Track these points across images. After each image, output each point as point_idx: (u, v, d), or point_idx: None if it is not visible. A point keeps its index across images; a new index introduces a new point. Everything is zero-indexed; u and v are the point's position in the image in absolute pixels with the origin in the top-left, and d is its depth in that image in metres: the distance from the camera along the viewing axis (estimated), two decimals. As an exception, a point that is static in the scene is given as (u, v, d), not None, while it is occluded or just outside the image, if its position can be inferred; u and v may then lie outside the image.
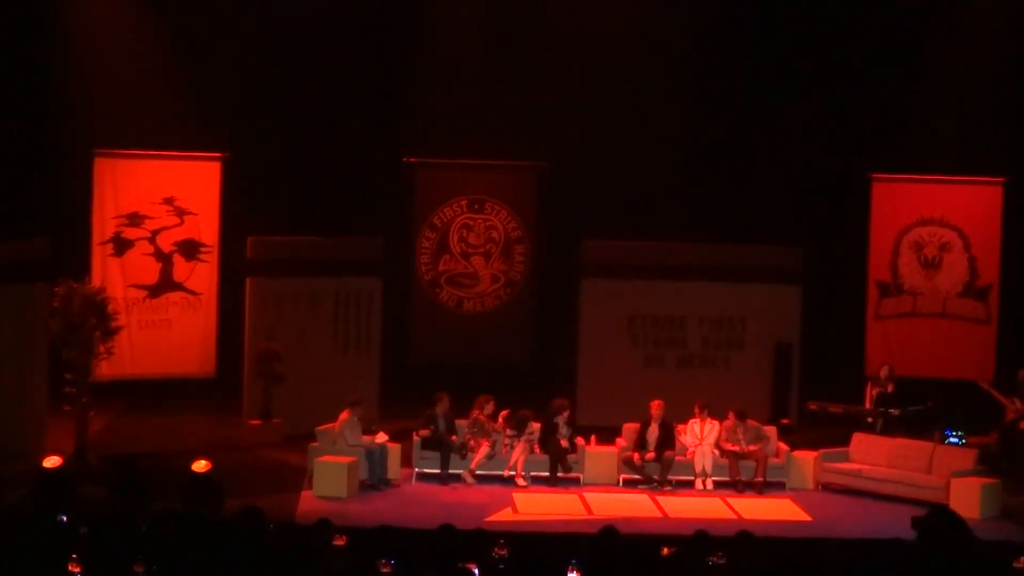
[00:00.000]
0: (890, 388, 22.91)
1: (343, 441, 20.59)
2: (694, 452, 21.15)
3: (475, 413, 21.31)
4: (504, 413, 21.39)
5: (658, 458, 21.03)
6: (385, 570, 10.76)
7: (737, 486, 20.91)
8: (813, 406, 23.35)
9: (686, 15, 26.13)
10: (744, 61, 26.22)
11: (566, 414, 21.37)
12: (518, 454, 21.00)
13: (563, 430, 21.18)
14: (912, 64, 25.86)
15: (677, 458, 21.13)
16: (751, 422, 21.50)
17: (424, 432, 21.02)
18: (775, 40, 26.14)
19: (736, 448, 21.10)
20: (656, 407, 21.34)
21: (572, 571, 10.88)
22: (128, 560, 10.75)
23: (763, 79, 26.19)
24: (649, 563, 11.46)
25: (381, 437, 20.95)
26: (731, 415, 21.38)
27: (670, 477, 21.03)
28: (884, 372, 23.05)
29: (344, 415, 20.85)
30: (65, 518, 12.72)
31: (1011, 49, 25.71)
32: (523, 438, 21.09)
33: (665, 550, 11.96)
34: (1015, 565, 12.04)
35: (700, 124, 26.33)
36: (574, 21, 26.14)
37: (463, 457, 21.00)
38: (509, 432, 21.20)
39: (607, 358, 24.34)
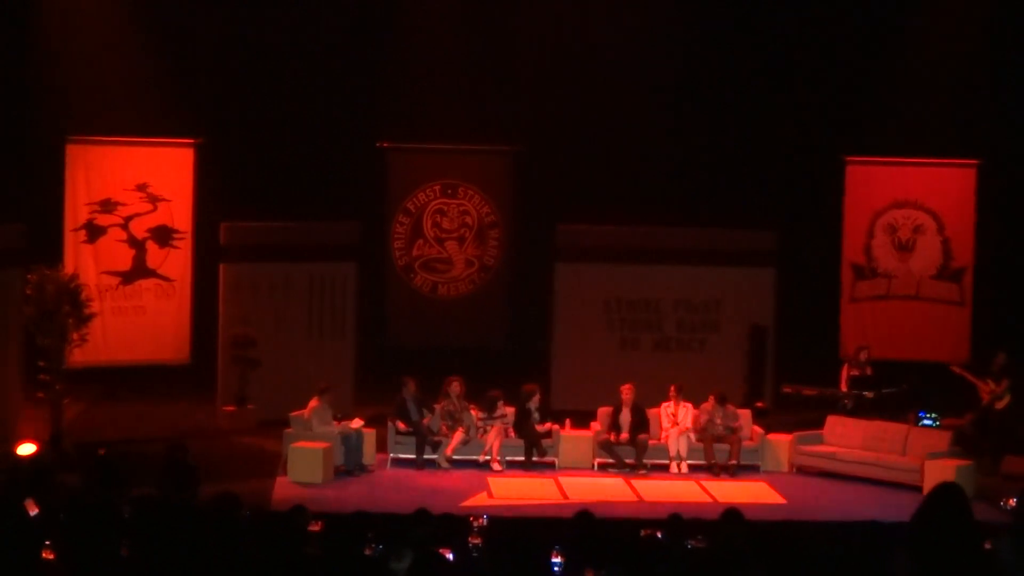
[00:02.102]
0: (868, 371, 22.95)
1: (313, 428, 20.61)
2: (668, 436, 21.17)
3: (443, 402, 21.28)
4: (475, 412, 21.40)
5: (632, 442, 21.05)
6: (367, 552, 10.77)
7: (712, 469, 20.92)
8: (787, 389, 23.38)
9: (660, -1, 26.19)
10: (718, 45, 26.19)
11: (536, 398, 21.36)
12: (493, 438, 21.00)
13: (536, 415, 21.18)
14: (886, 46, 25.88)
15: (651, 441, 21.15)
16: (730, 406, 21.52)
17: (401, 425, 21.02)
18: (749, 23, 26.13)
19: (717, 431, 21.09)
20: (627, 391, 21.32)
21: (556, 555, 10.87)
22: (104, 547, 10.70)
23: (737, 62, 26.17)
24: (627, 546, 11.44)
25: (356, 422, 20.93)
26: (711, 398, 21.39)
27: (645, 460, 21.06)
28: (864, 355, 23.05)
29: (313, 403, 20.84)
30: (38, 506, 12.63)
31: (984, 30, 25.73)
32: (496, 420, 21.10)
33: (644, 532, 11.95)
34: (985, 547, 12.04)
35: (674, 108, 26.31)
36: (548, 4, 26.10)
37: (434, 449, 21.00)
38: (480, 416, 21.20)
39: (582, 342, 24.31)
